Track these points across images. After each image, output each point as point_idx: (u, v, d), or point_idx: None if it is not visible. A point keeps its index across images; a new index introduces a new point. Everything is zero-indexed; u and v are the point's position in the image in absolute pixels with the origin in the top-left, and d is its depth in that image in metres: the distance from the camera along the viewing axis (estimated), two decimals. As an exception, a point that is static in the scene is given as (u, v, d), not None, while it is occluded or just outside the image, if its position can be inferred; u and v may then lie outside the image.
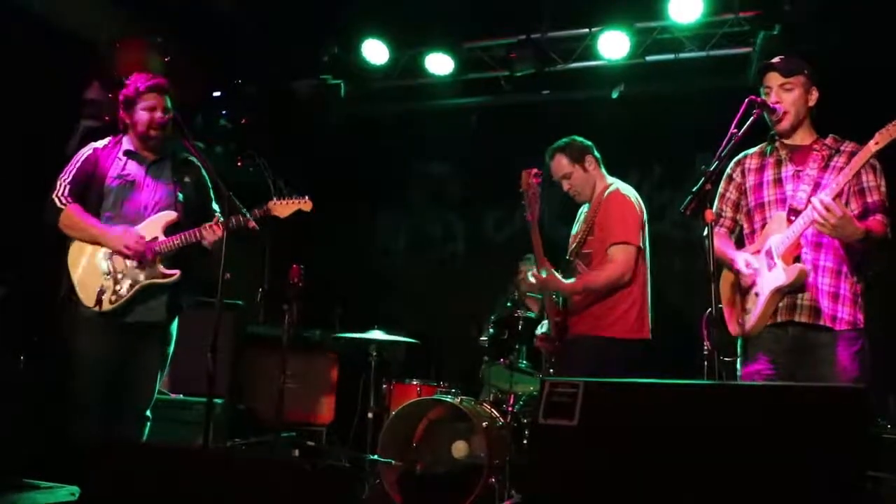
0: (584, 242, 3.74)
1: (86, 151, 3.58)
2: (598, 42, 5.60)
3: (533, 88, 6.03)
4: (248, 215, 3.59)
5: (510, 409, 4.53)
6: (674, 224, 5.83)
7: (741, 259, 3.10)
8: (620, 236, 3.58)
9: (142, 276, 3.49)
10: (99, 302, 3.41)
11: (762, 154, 3.22)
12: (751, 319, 3.04)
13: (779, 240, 2.99)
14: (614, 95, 5.75)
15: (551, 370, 3.73)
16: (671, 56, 5.63)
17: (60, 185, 3.49)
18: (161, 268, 3.54)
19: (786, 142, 3.15)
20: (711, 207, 2.77)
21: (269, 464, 2.55)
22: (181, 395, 4.54)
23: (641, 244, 3.64)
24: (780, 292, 2.96)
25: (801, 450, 1.78)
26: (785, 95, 3.05)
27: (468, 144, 6.74)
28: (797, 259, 2.97)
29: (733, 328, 3.16)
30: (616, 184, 3.79)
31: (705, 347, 4.48)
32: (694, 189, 2.80)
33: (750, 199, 3.19)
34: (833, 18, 4.96)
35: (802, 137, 3.12)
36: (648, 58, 5.66)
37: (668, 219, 5.83)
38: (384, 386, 4.95)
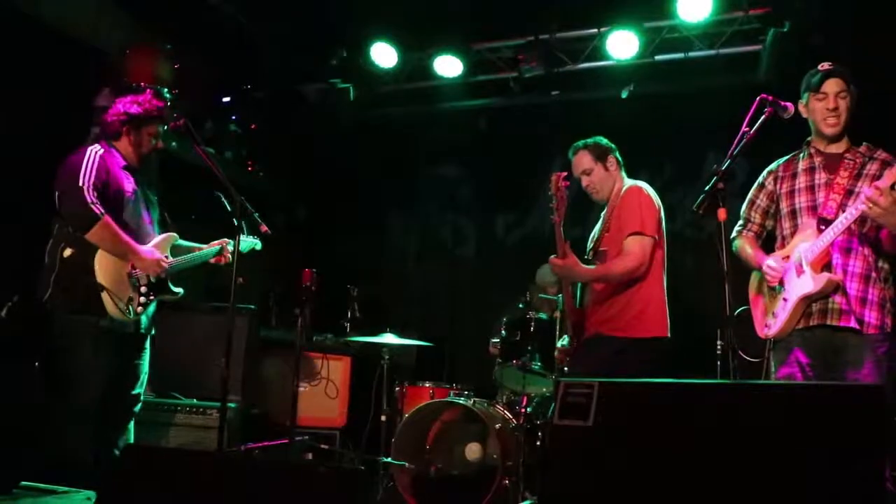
0: (601, 240, 3.76)
1: (94, 154, 3.50)
2: (607, 42, 5.58)
3: (542, 89, 6.00)
4: (259, 220, 3.63)
5: (523, 410, 4.52)
6: (686, 223, 5.81)
7: (766, 263, 3.18)
8: (636, 227, 3.58)
9: (157, 291, 3.64)
10: (127, 312, 3.49)
11: (794, 161, 3.27)
12: (777, 323, 3.10)
13: (808, 248, 3.04)
14: (624, 95, 5.73)
15: (566, 369, 3.74)
16: (681, 55, 5.60)
17: (87, 189, 3.38)
18: (170, 286, 3.74)
19: (820, 149, 3.20)
20: (724, 206, 2.78)
21: (284, 467, 2.56)
22: (195, 400, 4.56)
23: (658, 237, 3.64)
24: (807, 299, 3.02)
25: (819, 448, 1.77)
26: (842, 103, 3.11)
27: (477, 146, 6.73)
28: (826, 267, 3.02)
29: (760, 330, 3.23)
30: (633, 181, 3.80)
31: (719, 346, 4.47)
32: (706, 188, 2.80)
33: (782, 206, 3.25)
34: (843, 14, 4.94)
35: (838, 145, 3.18)
36: (658, 57, 5.63)
37: (680, 218, 5.81)
38: (397, 389, 4.96)
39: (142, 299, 3.55)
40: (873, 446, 1.72)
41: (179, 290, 3.78)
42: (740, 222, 3.42)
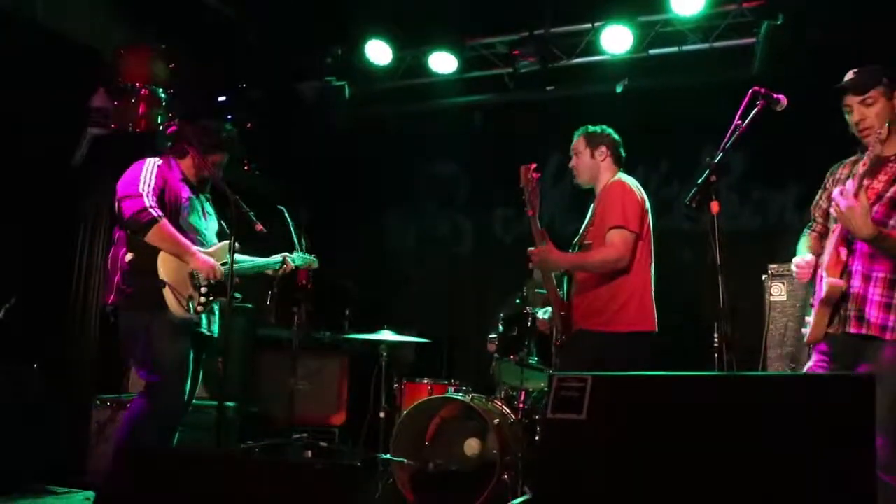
0: (587, 233, 3.76)
1: (153, 164, 3.65)
2: (601, 37, 5.59)
3: (537, 85, 6.01)
4: (254, 219, 3.65)
5: (521, 405, 4.54)
6: (682, 217, 5.81)
7: (794, 260, 3.10)
8: (618, 220, 3.57)
9: (216, 293, 3.69)
10: (187, 308, 3.57)
11: (852, 164, 3.13)
12: (810, 329, 3.03)
13: (825, 252, 2.99)
14: (618, 90, 5.74)
15: (558, 361, 3.74)
16: (675, 49, 5.62)
17: (146, 194, 3.51)
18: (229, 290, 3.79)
19: (871, 153, 3.07)
20: (717, 199, 2.77)
21: (282, 465, 2.56)
22: (193, 399, 4.56)
23: (641, 232, 3.62)
24: (824, 304, 2.93)
25: (813, 440, 1.78)
26: (867, 111, 2.93)
27: (473, 143, 6.74)
28: (843, 270, 2.91)
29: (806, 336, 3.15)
30: (619, 176, 3.80)
31: (715, 339, 4.47)
32: (699, 181, 2.80)
33: (830, 209, 3.12)
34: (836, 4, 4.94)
35: (889, 148, 2.94)
36: (652, 51, 5.64)
37: (677, 212, 5.81)
38: (395, 385, 4.96)
39: (202, 299, 3.62)
40: (865, 435, 1.73)
41: (238, 295, 3.83)
42: (809, 223, 3.33)
